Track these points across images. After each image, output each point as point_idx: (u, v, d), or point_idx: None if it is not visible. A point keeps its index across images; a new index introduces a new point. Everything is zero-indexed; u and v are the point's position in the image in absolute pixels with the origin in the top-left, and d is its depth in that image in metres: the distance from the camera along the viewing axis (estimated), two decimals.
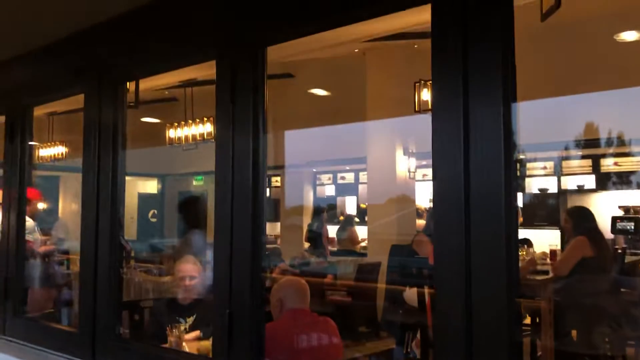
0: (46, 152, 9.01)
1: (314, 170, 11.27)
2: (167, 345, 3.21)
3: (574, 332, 4.46)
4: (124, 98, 2.58)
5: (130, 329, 4.19)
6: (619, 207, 8.06)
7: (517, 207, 1.46)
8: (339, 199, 11.13)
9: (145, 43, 2.44)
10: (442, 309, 1.54)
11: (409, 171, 7.43)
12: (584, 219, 4.59)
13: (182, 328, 3.44)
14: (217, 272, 2.12)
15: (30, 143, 3.23)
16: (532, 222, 8.62)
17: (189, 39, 2.28)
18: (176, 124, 7.40)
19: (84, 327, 2.63)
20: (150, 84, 5.76)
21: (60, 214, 10.80)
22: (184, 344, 3.28)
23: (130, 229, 12.15)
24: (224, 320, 2.04)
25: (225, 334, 2.04)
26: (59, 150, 8.94)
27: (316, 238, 9.83)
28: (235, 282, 2.04)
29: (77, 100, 2.80)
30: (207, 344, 2.62)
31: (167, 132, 7.58)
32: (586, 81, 6.06)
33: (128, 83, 3.42)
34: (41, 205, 5.30)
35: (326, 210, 10.52)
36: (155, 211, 12.84)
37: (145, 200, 12.88)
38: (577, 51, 5.67)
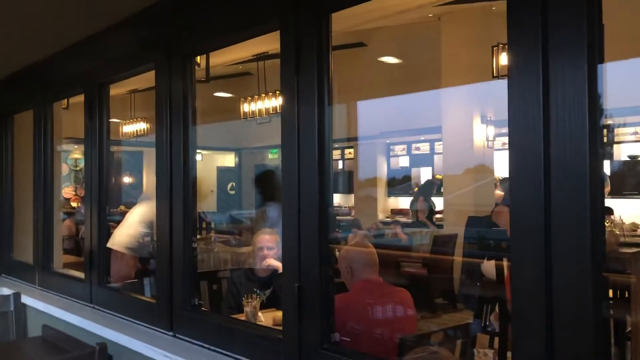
0: (129, 128, 9.40)
1: (387, 141, 11.11)
2: (242, 316, 3.28)
3: None
4: (192, 72, 2.59)
5: (209, 299, 4.32)
6: None
7: (603, 178, 1.33)
8: (413, 170, 10.93)
9: (209, 16, 2.42)
10: (519, 284, 1.45)
11: (487, 140, 7.16)
12: None
13: (259, 300, 3.50)
14: (286, 246, 2.10)
15: (109, 120, 3.34)
16: (620, 192, 8.11)
17: (252, 9, 2.24)
18: (249, 98, 7.47)
19: (161, 298, 2.71)
20: (224, 59, 5.81)
21: (145, 188, 11.29)
22: (259, 314, 3.33)
23: (210, 201, 12.56)
24: (294, 294, 2.03)
25: (295, 308, 2.03)
26: (141, 126, 9.30)
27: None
28: (304, 256, 2.02)
29: None
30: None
31: (241, 106, 7.67)
32: None
33: (199, 58, 3.45)
34: None
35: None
36: (234, 184, 13.17)
37: (223, 173, 13.24)
38: None
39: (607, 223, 5.05)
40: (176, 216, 2.61)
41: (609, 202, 7.60)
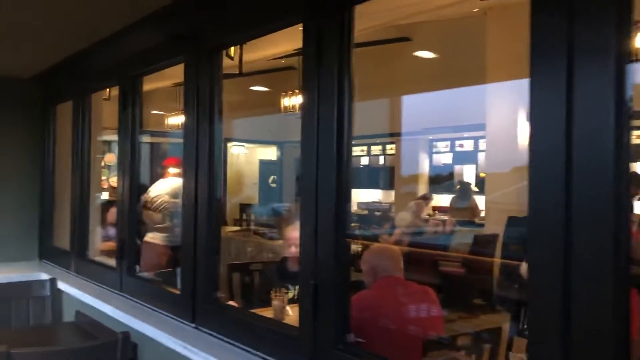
0: (174, 120, 9.54)
1: (430, 137, 10.93)
2: (270, 309, 3.27)
3: None
4: (219, 65, 2.59)
5: (240, 291, 4.34)
6: None
7: (629, 183, 1.23)
8: (456, 167, 10.73)
9: (234, 9, 2.41)
10: (537, 290, 1.37)
11: None
12: None
13: (291, 295, 3.47)
14: (303, 243, 2.08)
15: (142, 111, 3.38)
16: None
17: (276, 2, 2.22)
18: (290, 92, 7.47)
19: (185, 290, 2.73)
20: (264, 53, 5.81)
21: None
22: (287, 308, 3.31)
23: (253, 194, 12.67)
24: (309, 291, 2.00)
25: (311, 305, 2.00)
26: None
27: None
28: (321, 252, 1.99)
29: None
30: None
31: (281, 100, 7.68)
32: None
33: (233, 51, 3.45)
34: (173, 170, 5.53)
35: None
36: (275, 177, 13.24)
37: (266, 166, 13.33)
38: None
39: None
40: (201, 208, 2.62)
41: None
